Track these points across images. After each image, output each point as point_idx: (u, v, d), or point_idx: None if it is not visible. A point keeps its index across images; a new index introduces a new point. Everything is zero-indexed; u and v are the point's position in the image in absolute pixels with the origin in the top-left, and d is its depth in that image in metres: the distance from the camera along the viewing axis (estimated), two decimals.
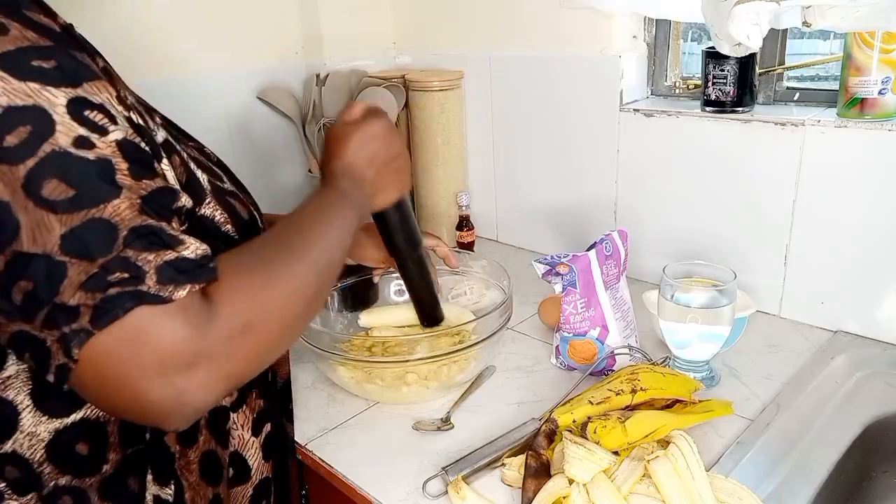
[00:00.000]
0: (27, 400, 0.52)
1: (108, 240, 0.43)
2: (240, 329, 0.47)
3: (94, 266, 0.43)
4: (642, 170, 1.15)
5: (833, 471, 0.72)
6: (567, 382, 0.89)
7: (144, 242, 0.44)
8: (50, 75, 0.43)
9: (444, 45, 1.40)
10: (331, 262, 0.59)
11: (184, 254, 0.46)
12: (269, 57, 1.34)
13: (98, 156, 0.44)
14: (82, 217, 0.43)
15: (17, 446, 0.52)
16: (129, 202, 0.45)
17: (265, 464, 0.69)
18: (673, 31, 1.18)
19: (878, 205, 0.91)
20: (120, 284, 0.43)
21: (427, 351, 0.84)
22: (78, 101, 0.44)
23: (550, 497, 0.64)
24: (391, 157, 0.70)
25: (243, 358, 0.49)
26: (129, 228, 0.44)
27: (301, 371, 0.96)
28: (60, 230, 0.42)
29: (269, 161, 1.38)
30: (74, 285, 0.42)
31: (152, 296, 0.44)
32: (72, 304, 0.42)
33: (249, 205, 0.66)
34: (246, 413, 0.66)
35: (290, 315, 0.52)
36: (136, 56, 1.13)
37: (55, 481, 0.54)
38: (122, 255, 0.43)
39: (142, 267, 0.44)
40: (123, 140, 0.46)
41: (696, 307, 0.81)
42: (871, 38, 0.88)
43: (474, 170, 1.43)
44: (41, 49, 0.43)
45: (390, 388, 0.86)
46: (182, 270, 0.45)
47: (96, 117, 0.45)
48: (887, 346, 0.94)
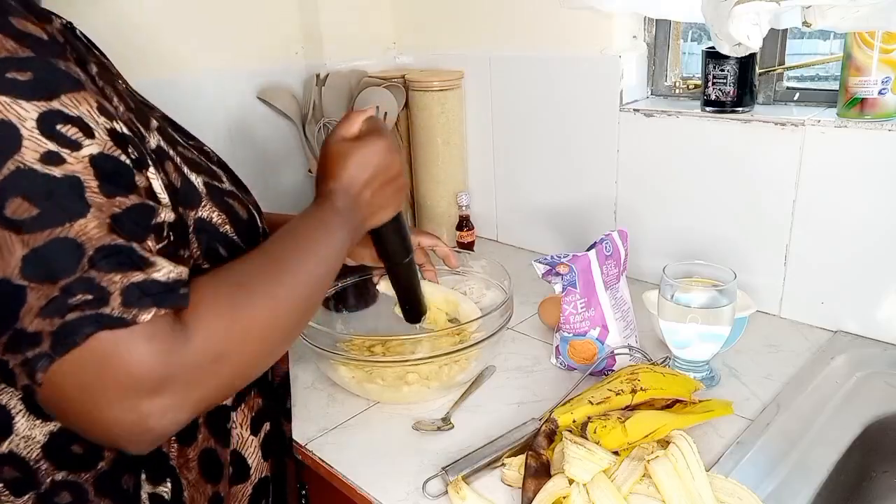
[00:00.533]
0: (20, 405, 0.52)
1: (71, 260, 0.42)
2: (212, 357, 0.46)
3: (54, 289, 0.42)
4: (642, 170, 1.15)
5: (833, 471, 0.72)
6: (567, 382, 0.89)
7: (112, 263, 0.43)
8: (22, 88, 0.42)
9: (444, 45, 1.40)
10: (318, 282, 0.58)
11: (154, 276, 0.45)
12: (269, 57, 1.34)
13: (66, 172, 0.43)
14: (45, 237, 0.42)
15: (14, 447, 0.52)
16: (97, 221, 0.43)
17: (264, 463, 0.69)
18: (673, 31, 1.18)
19: (878, 205, 0.91)
20: (80, 308, 0.42)
21: (428, 351, 0.84)
22: (51, 114, 0.43)
23: (550, 497, 0.64)
24: (390, 178, 0.68)
25: (213, 385, 0.48)
26: (95, 248, 0.43)
27: (301, 371, 0.96)
28: (22, 251, 0.41)
29: (269, 161, 1.38)
30: (33, 311, 0.42)
31: (115, 319, 0.42)
32: (31, 330, 0.42)
33: (249, 204, 0.65)
34: (245, 412, 0.66)
35: (267, 342, 0.52)
36: (136, 56, 1.13)
37: (52, 477, 0.54)
38: (85, 276, 0.42)
39: (106, 288, 0.43)
40: (99, 155, 0.44)
41: (696, 307, 0.81)
42: (871, 38, 0.88)
43: (474, 170, 1.43)
44: (18, 60, 0.42)
45: (391, 388, 0.86)
46: (149, 293, 0.44)
47: (69, 131, 0.43)
48: (887, 346, 0.94)
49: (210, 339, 0.46)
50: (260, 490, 0.69)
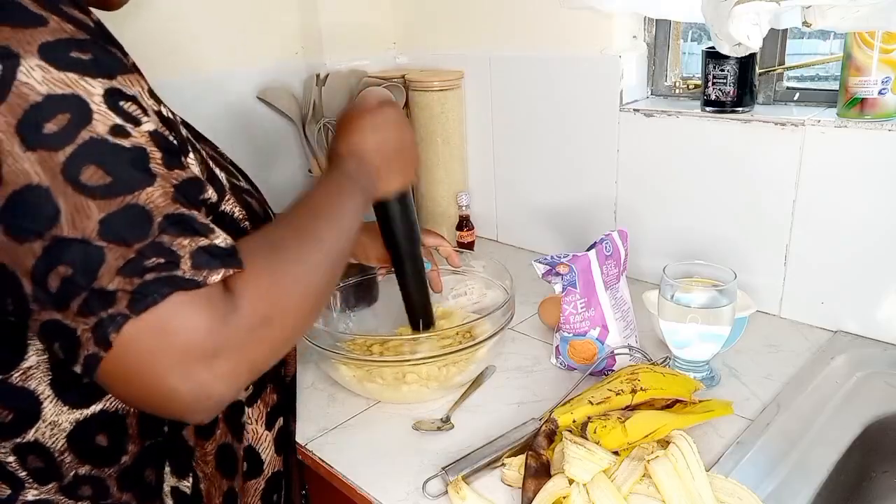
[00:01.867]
0: (48, 390, 0.52)
1: (143, 226, 0.44)
2: (260, 320, 0.47)
3: (131, 251, 0.43)
4: (642, 170, 1.15)
5: (833, 471, 0.72)
6: (567, 382, 0.89)
7: (178, 228, 0.45)
8: (87, 66, 0.44)
9: (444, 45, 1.40)
10: (341, 249, 0.59)
11: (215, 241, 0.46)
12: (269, 57, 1.34)
13: (133, 144, 0.45)
14: (119, 203, 0.43)
15: (40, 435, 0.53)
16: (162, 190, 0.45)
17: (277, 458, 0.70)
18: (673, 31, 1.18)
19: (878, 205, 0.91)
20: (156, 269, 0.43)
21: (428, 351, 0.84)
22: (113, 91, 0.45)
23: (550, 497, 0.64)
24: (400, 145, 0.70)
25: (264, 349, 0.49)
26: (163, 215, 0.45)
27: (301, 371, 0.96)
28: (99, 215, 0.43)
29: (269, 161, 1.38)
30: (113, 270, 0.43)
31: (187, 280, 0.44)
32: (110, 288, 0.43)
33: (263, 203, 0.66)
34: (260, 407, 0.67)
35: (306, 305, 0.53)
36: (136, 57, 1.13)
37: (75, 470, 0.54)
38: (157, 241, 0.44)
39: (177, 252, 0.44)
40: (155, 131, 0.47)
41: (696, 307, 0.81)
42: (871, 38, 0.88)
43: (474, 170, 1.43)
44: (78, 42, 0.44)
45: (390, 388, 0.86)
46: (215, 255, 0.46)
47: (130, 108, 0.45)
48: (887, 346, 0.94)
49: (256, 302, 0.47)
50: (272, 485, 0.70)
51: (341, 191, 0.62)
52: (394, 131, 0.69)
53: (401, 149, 0.70)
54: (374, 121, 0.69)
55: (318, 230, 0.56)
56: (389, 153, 0.69)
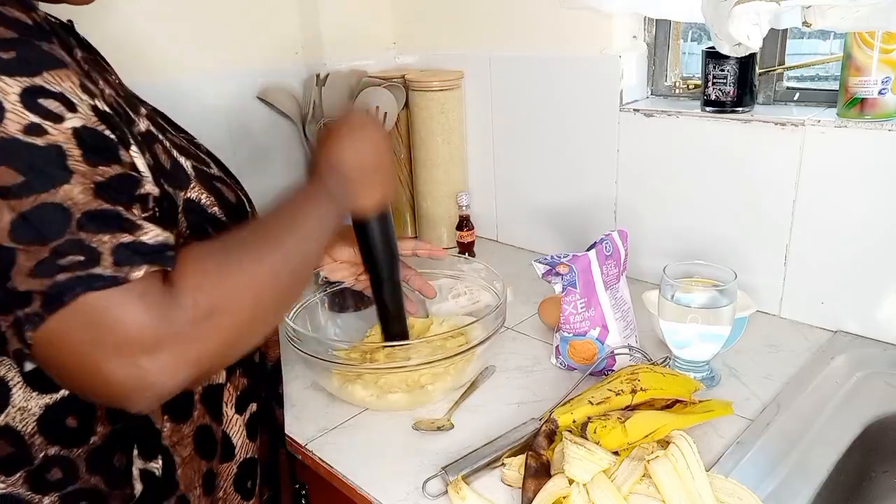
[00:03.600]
0: (17, 377, 0.53)
1: (60, 223, 0.44)
2: (203, 313, 0.47)
3: (44, 251, 0.43)
4: (642, 170, 1.15)
5: (833, 471, 0.72)
6: (567, 382, 0.89)
7: (98, 224, 0.45)
8: (6, 65, 0.44)
9: (444, 45, 1.40)
10: (304, 252, 0.59)
11: (141, 238, 0.46)
12: (269, 57, 1.34)
13: (49, 142, 0.44)
14: (32, 202, 0.43)
15: (10, 420, 0.53)
16: (81, 186, 0.45)
17: (250, 443, 0.70)
18: (673, 31, 1.18)
19: (878, 205, 0.91)
20: (71, 269, 0.43)
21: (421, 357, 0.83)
22: (33, 90, 0.44)
23: (550, 497, 0.64)
24: (379, 163, 0.71)
25: (209, 344, 0.49)
26: (82, 212, 0.44)
27: (301, 371, 0.96)
28: (10, 216, 0.43)
29: (269, 161, 1.38)
30: (24, 272, 0.43)
31: (106, 278, 0.44)
32: (22, 289, 0.43)
33: (238, 190, 0.67)
34: (230, 391, 0.67)
35: (257, 302, 0.52)
36: (136, 56, 1.13)
37: (45, 452, 0.55)
38: (75, 238, 0.44)
39: (96, 248, 0.44)
40: (81, 128, 0.46)
41: (696, 307, 0.81)
42: (871, 38, 0.88)
43: (474, 170, 1.43)
44: (3, 41, 0.44)
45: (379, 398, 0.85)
46: (138, 252, 0.45)
47: (51, 105, 0.45)
48: (887, 346, 0.94)
49: (199, 294, 0.47)
50: (245, 470, 0.70)
51: (309, 199, 0.63)
52: (373, 148, 0.70)
53: (380, 165, 0.71)
54: (355, 137, 0.69)
55: (276, 232, 0.56)
56: (367, 169, 0.70)
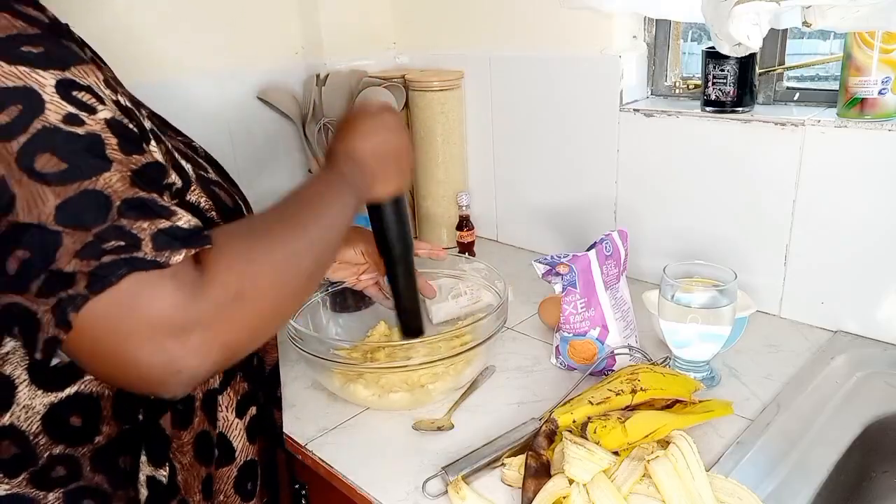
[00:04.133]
0: (24, 375, 0.53)
1: (101, 210, 0.45)
2: (232, 296, 0.48)
3: (88, 235, 0.44)
4: (642, 170, 1.15)
5: (833, 471, 0.72)
6: (567, 382, 0.89)
7: (138, 212, 0.46)
8: (38, 59, 0.45)
9: (444, 45, 1.40)
10: (327, 240, 0.59)
11: (177, 223, 0.47)
12: (269, 57, 1.34)
13: (88, 131, 0.46)
14: (75, 189, 0.44)
15: (14, 419, 0.53)
16: (120, 175, 0.46)
17: (250, 446, 0.70)
18: (673, 31, 1.18)
19: (878, 205, 0.91)
20: (115, 252, 0.44)
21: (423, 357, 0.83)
22: (66, 82, 0.46)
23: (550, 497, 0.64)
24: (396, 150, 0.71)
25: (237, 327, 0.49)
26: (122, 199, 0.45)
27: (301, 371, 0.96)
28: (55, 201, 0.44)
29: (269, 161, 1.38)
30: (70, 253, 0.44)
31: (148, 262, 0.45)
32: (68, 270, 0.43)
33: (234, 194, 0.67)
34: (230, 395, 0.67)
35: (284, 286, 0.53)
36: (136, 57, 1.13)
37: (49, 451, 0.55)
38: (116, 224, 0.45)
39: (137, 234, 0.45)
40: (112, 119, 0.47)
41: (696, 307, 0.81)
42: (871, 38, 0.88)
43: (474, 170, 1.43)
44: (29, 37, 0.45)
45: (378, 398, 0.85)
46: (177, 237, 0.46)
47: (84, 97, 0.46)
48: (887, 346, 0.94)
49: (228, 277, 0.48)
50: (245, 473, 0.70)
51: (331, 187, 0.63)
52: (391, 136, 0.71)
53: (396, 153, 0.71)
54: (373, 124, 0.70)
55: (302, 219, 0.57)
56: (385, 157, 0.70)
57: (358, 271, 0.89)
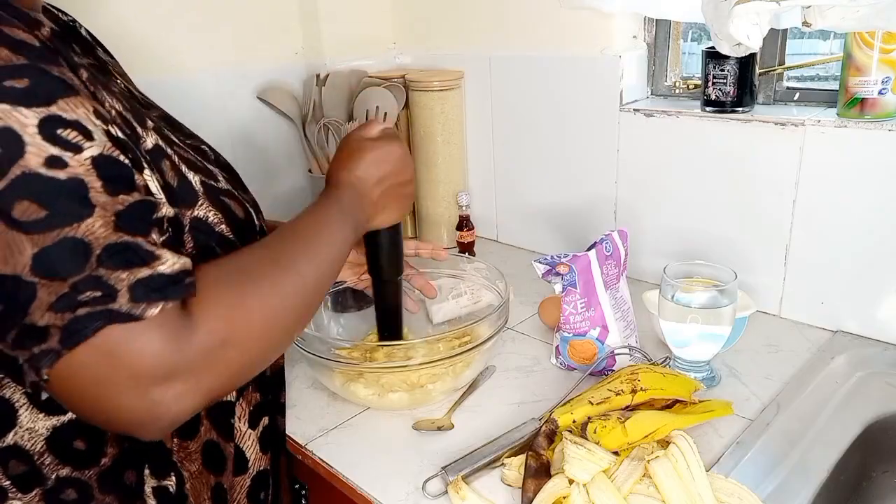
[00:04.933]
0: (23, 398, 0.52)
1: (80, 259, 0.43)
2: (218, 343, 0.47)
3: (64, 286, 0.43)
4: (642, 170, 1.15)
5: (833, 471, 0.72)
6: (567, 382, 0.89)
7: (118, 260, 0.44)
8: (20, 95, 0.43)
9: (444, 45, 1.40)
10: (320, 279, 0.58)
11: (159, 269, 0.46)
12: (269, 57, 1.34)
13: (70, 175, 0.44)
14: (54, 237, 0.43)
15: (18, 438, 0.53)
16: (103, 220, 0.44)
17: (263, 456, 0.70)
18: (673, 31, 1.18)
19: (878, 205, 0.91)
20: (90, 304, 0.43)
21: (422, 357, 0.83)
22: (50, 119, 0.44)
23: (550, 497, 0.64)
24: (400, 182, 0.70)
25: (223, 372, 0.48)
26: (102, 247, 0.44)
27: (301, 371, 0.96)
28: (32, 250, 0.42)
29: (270, 161, 1.38)
30: (44, 306, 0.43)
31: (123, 314, 0.44)
32: (41, 324, 0.43)
33: (246, 202, 0.66)
34: (243, 406, 0.67)
35: (271, 331, 0.52)
36: (136, 54, 1.13)
37: (56, 473, 0.54)
38: (94, 275, 0.43)
39: (114, 286, 0.44)
40: (99, 156, 0.46)
41: (696, 307, 0.81)
42: (871, 38, 0.88)
43: (474, 170, 1.43)
44: (14, 68, 0.43)
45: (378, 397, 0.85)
46: (155, 288, 0.45)
47: (70, 135, 0.44)
48: (887, 346, 0.94)
49: (215, 323, 0.47)
50: (259, 482, 0.70)
51: (330, 221, 0.62)
52: (395, 166, 0.69)
53: (400, 185, 0.70)
54: (377, 154, 0.68)
55: (296, 259, 0.56)
56: (388, 189, 0.69)
57: (359, 271, 0.89)
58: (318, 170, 1.36)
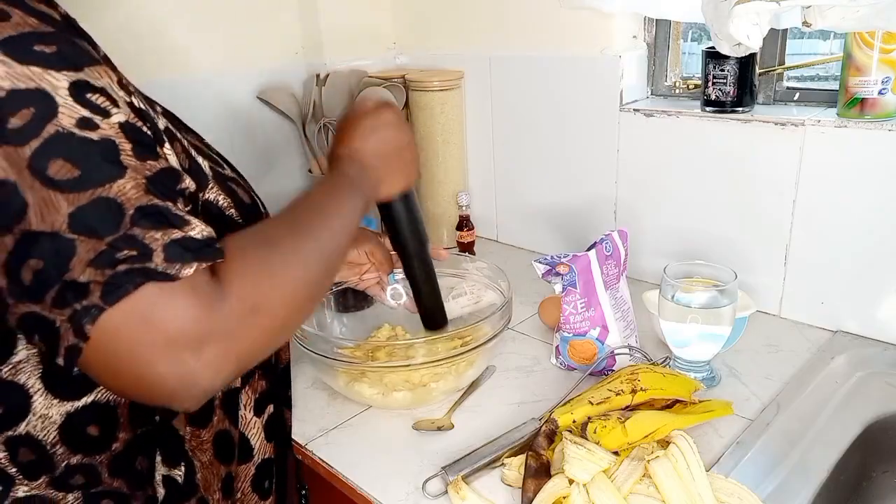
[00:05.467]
0: (38, 384, 0.52)
1: (115, 218, 0.44)
2: (249, 309, 0.47)
3: (102, 243, 0.43)
4: (642, 170, 1.15)
5: (833, 471, 0.72)
6: (567, 382, 0.89)
7: (151, 221, 0.45)
8: (51, 59, 0.44)
9: (444, 45, 1.40)
10: (338, 247, 0.59)
11: (190, 233, 0.46)
12: (269, 57, 1.34)
13: (102, 136, 0.45)
14: (89, 196, 0.43)
15: (31, 428, 0.53)
16: (134, 182, 0.45)
17: (267, 444, 0.70)
18: (673, 31, 1.18)
19: (878, 205, 0.91)
20: (128, 261, 0.43)
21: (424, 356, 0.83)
22: (80, 84, 0.45)
23: (550, 497, 0.64)
24: (399, 146, 0.70)
25: (253, 338, 0.49)
26: (135, 207, 0.45)
27: (301, 371, 0.96)
28: (68, 209, 0.43)
29: (269, 161, 1.38)
30: (84, 262, 0.43)
31: (160, 273, 0.44)
32: (82, 280, 0.43)
33: (250, 190, 0.67)
34: (249, 393, 0.67)
35: (297, 297, 0.52)
36: (136, 55, 1.13)
37: (67, 461, 0.55)
38: (129, 233, 0.44)
39: (149, 245, 0.44)
40: (126, 122, 0.46)
41: (696, 307, 0.81)
42: (871, 38, 0.88)
43: (474, 170, 1.43)
44: (42, 35, 0.44)
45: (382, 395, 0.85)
46: (189, 249, 0.45)
47: (98, 100, 0.45)
48: (887, 346, 0.94)
49: (244, 290, 0.47)
50: (263, 471, 0.70)
51: (339, 192, 0.62)
52: (392, 132, 0.69)
53: (400, 149, 0.70)
54: (372, 123, 0.69)
55: (313, 226, 0.56)
56: (389, 155, 0.69)
57: (360, 271, 0.89)
58: (318, 170, 1.36)
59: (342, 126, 0.70)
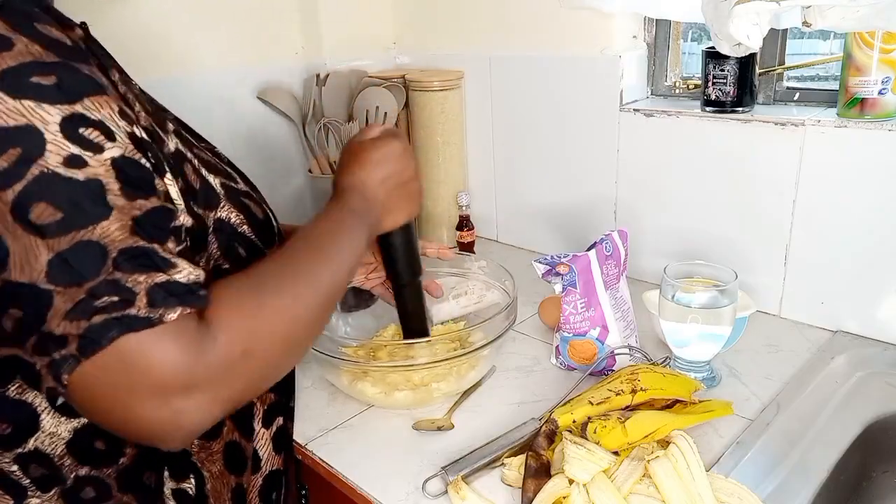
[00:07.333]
0: (45, 402, 0.52)
1: (96, 262, 0.43)
2: (240, 354, 0.47)
3: (80, 291, 0.42)
4: (642, 170, 1.15)
5: (833, 471, 0.72)
6: (567, 382, 0.89)
7: (135, 264, 0.44)
8: (47, 92, 0.43)
9: (444, 45, 1.40)
10: (337, 285, 0.58)
11: (175, 277, 0.45)
12: (269, 57, 1.34)
13: (89, 175, 0.43)
14: (70, 240, 0.42)
15: (39, 444, 0.53)
16: (119, 223, 0.44)
17: (276, 456, 0.70)
18: (673, 31, 1.18)
19: (878, 205, 0.91)
20: (107, 310, 0.42)
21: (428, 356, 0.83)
22: (74, 118, 0.43)
23: (550, 497, 0.64)
24: (404, 179, 0.69)
25: (243, 382, 0.48)
26: (118, 250, 0.44)
27: (301, 372, 0.96)
28: (47, 256, 0.42)
29: (269, 161, 1.38)
30: (60, 314, 0.42)
31: (142, 319, 0.43)
32: (58, 332, 0.42)
33: (263, 203, 0.66)
34: (258, 406, 0.67)
35: (291, 339, 0.52)
36: (136, 54, 1.13)
37: (75, 473, 0.55)
38: (110, 278, 0.43)
39: (132, 289, 0.43)
40: (120, 157, 0.45)
41: (696, 307, 0.81)
42: (871, 38, 0.88)
43: (474, 170, 1.43)
44: (43, 65, 0.43)
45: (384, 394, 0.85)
46: (173, 293, 0.45)
47: (92, 135, 0.44)
48: (887, 346, 0.94)
49: (235, 335, 0.47)
50: (271, 482, 0.70)
51: (342, 227, 0.62)
52: (398, 165, 0.68)
53: (404, 182, 0.70)
54: (378, 154, 0.68)
55: (312, 267, 0.56)
56: (393, 187, 0.68)
57: (366, 271, 0.89)
58: (318, 170, 1.36)
59: (346, 154, 0.69)
